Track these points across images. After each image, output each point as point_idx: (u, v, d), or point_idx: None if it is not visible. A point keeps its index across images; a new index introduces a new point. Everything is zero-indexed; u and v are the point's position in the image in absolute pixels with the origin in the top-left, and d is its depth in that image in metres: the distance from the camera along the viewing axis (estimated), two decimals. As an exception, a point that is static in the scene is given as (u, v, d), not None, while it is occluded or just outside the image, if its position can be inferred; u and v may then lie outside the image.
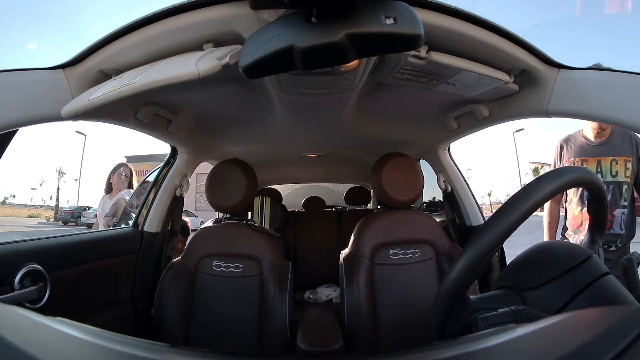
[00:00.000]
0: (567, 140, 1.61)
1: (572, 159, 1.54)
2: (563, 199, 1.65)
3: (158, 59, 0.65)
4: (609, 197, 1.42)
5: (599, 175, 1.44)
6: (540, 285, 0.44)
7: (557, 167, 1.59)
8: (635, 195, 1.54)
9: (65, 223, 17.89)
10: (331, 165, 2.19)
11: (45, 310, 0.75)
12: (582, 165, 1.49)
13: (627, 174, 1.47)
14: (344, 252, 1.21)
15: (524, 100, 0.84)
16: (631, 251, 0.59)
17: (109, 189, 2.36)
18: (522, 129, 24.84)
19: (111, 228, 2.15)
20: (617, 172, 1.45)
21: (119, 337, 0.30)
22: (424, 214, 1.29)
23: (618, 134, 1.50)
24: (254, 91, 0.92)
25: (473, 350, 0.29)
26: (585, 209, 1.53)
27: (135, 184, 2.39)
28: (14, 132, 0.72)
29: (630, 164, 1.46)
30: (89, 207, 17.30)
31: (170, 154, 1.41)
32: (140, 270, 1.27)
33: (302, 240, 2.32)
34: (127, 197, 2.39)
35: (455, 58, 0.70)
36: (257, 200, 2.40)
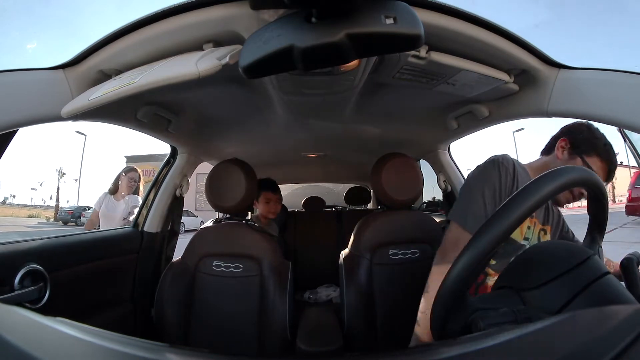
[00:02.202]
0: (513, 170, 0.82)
1: None
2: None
3: (158, 59, 0.65)
4: None
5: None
6: (540, 285, 0.44)
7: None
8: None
9: (65, 223, 17.89)
10: (331, 165, 2.19)
11: (45, 310, 0.75)
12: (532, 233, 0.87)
13: None
14: (344, 252, 1.21)
15: (524, 100, 0.84)
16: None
17: (115, 189, 2.34)
18: (522, 129, 24.86)
19: (115, 228, 2.13)
20: None
21: (119, 337, 0.30)
22: (424, 214, 1.29)
23: None
24: (254, 91, 0.92)
25: (473, 350, 0.29)
26: None
27: (141, 189, 2.40)
28: (14, 132, 0.72)
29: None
30: (89, 207, 17.25)
31: (170, 154, 1.41)
32: (140, 270, 1.27)
33: (302, 240, 2.32)
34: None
35: (455, 58, 0.70)
36: (257, 200, 2.41)
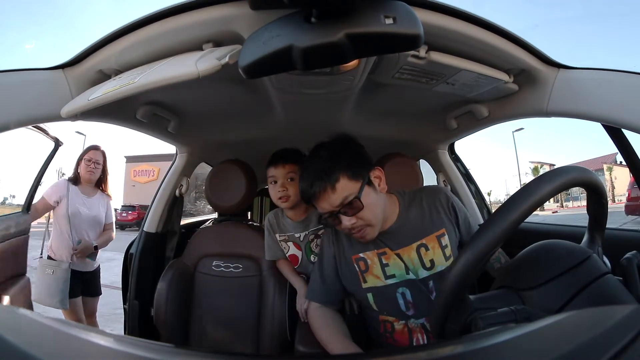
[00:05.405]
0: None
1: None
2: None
3: (158, 59, 0.65)
4: None
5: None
6: (540, 285, 0.44)
7: None
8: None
9: (65, 223, 17.85)
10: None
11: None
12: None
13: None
14: None
15: (524, 100, 0.84)
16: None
17: (76, 179, 1.82)
18: (522, 129, 24.92)
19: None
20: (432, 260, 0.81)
21: (119, 337, 0.30)
22: None
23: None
24: (253, 91, 0.92)
25: (473, 349, 0.29)
26: None
27: (109, 174, 1.91)
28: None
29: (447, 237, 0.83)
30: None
31: (170, 154, 1.41)
32: (140, 270, 1.27)
33: None
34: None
35: (455, 58, 0.70)
36: (257, 200, 2.40)
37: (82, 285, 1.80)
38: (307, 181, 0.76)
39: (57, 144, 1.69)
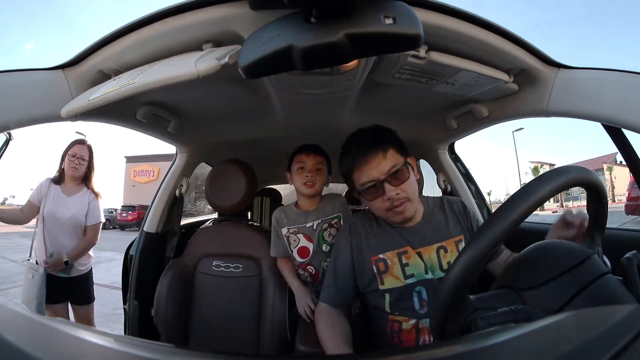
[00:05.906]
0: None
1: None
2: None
3: (157, 59, 0.65)
4: None
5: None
6: (540, 285, 0.44)
7: None
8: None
9: (65, 223, 17.83)
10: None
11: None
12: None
13: None
14: None
15: (524, 100, 0.84)
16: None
17: (60, 177, 1.70)
18: (522, 129, 24.93)
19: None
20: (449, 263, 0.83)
21: (119, 337, 0.30)
22: None
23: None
24: (253, 91, 0.92)
25: (473, 349, 0.29)
26: None
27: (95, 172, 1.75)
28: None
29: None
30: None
31: (170, 154, 1.41)
32: (140, 270, 1.27)
33: None
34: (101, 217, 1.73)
35: (455, 58, 0.70)
36: (257, 200, 2.40)
37: (66, 292, 1.66)
38: (358, 149, 0.79)
39: (9, 138, 1.63)
